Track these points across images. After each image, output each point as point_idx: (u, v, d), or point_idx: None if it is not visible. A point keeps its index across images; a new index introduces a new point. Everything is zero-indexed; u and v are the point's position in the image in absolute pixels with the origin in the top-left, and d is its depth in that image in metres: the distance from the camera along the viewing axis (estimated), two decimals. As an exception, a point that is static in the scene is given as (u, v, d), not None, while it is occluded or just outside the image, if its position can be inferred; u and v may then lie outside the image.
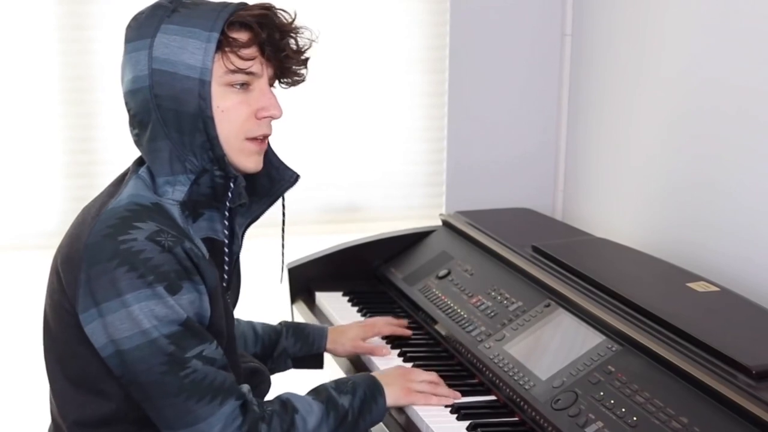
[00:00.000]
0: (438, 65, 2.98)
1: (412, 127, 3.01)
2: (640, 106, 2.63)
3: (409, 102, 2.99)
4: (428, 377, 1.91)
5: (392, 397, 1.82)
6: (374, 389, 1.79)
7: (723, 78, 2.29)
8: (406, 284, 2.48)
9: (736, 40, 2.24)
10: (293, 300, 2.51)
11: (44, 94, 2.73)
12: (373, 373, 1.87)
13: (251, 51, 1.60)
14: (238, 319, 2.04)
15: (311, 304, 2.49)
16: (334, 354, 2.15)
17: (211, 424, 1.57)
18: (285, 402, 1.68)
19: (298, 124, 2.80)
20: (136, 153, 1.72)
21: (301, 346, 2.10)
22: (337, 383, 1.78)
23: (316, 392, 1.74)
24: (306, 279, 2.54)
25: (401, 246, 2.66)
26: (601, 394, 1.74)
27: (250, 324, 2.09)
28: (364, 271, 2.63)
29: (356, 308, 2.42)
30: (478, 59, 2.97)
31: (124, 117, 2.86)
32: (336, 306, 2.40)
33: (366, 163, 2.99)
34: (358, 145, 2.97)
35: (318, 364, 2.14)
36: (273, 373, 2.09)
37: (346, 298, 2.49)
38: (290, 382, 2.16)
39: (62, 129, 2.76)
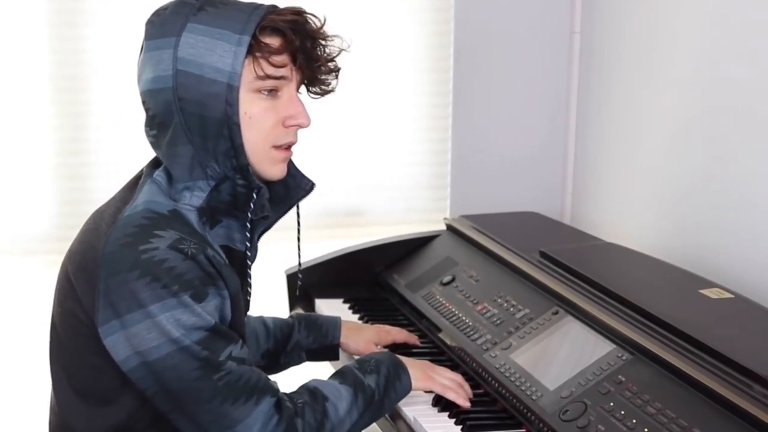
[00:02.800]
0: (442, 64, 2.98)
1: (414, 127, 3.01)
2: (651, 105, 2.63)
3: (411, 102, 2.99)
4: (453, 375, 1.94)
5: (413, 377, 1.84)
6: (397, 366, 1.82)
7: (737, 77, 2.29)
8: (409, 291, 2.48)
9: (750, 38, 2.25)
10: (292, 307, 2.51)
11: (34, 94, 2.73)
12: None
13: (283, 58, 1.60)
14: (247, 316, 2.05)
15: (310, 311, 2.49)
16: (345, 350, 2.16)
17: (249, 426, 1.58)
18: (314, 391, 1.69)
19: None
20: (131, 154, 1.72)
21: (315, 338, 2.11)
22: (360, 363, 1.80)
23: (342, 375, 1.76)
24: (305, 285, 2.54)
25: (404, 251, 2.66)
26: (611, 404, 1.74)
27: (261, 319, 2.09)
28: (366, 278, 2.63)
29: (357, 315, 2.42)
30: (483, 57, 2.97)
31: (117, 117, 2.86)
32: (336, 314, 2.39)
33: (367, 165, 2.99)
34: (359, 147, 2.97)
35: (333, 355, 2.15)
36: (287, 367, 2.11)
37: (347, 305, 2.49)
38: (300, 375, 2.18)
39: (53, 130, 2.75)
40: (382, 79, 2.95)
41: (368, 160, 2.99)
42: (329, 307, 2.46)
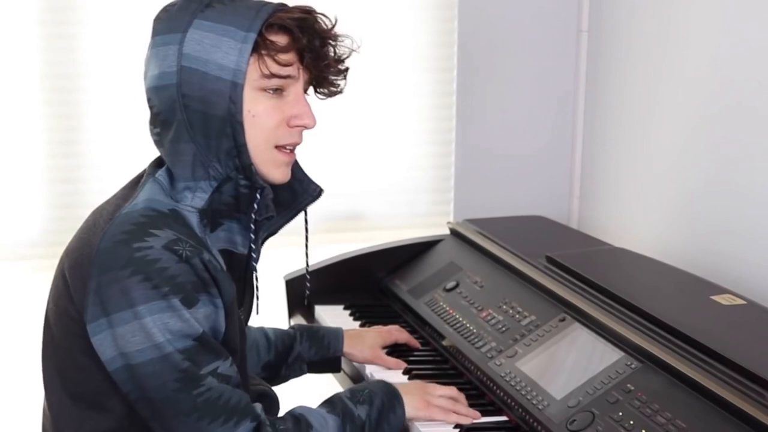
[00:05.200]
0: (445, 63, 2.98)
1: (417, 129, 3.01)
2: (661, 106, 2.63)
3: (414, 102, 2.99)
4: (448, 392, 1.93)
5: (411, 407, 1.83)
6: (392, 398, 1.80)
7: (749, 77, 2.29)
8: (411, 297, 2.48)
9: (763, 36, 2.25)
10: (291, 314, 2.51)
11: (25, 94, 2.73)
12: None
13: (289, 56, 1.61)
14: (248, 326, 2.06)
15: (310, 318, 2.50)
16: (352, 359, 2.17)
17: None
18: (299, 418, 1.69)
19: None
20: (126, 156, 1.73)
21: (317, 351, 2.12)
22: (353, 392, 1.79)
23: (331, 404, 1.75)
24: (305, 291, 2.54)
25: (406, 256, 2.66)
26: (620, 414, 1.74)
27: (262, 330, 2.10)
28: (367, 283, 2.63)
29: (358, 323, 2.43)
30: (488, 57, 2.97)
31: (111, 119, 2.86)
32: (337, 320, 2.40)
33: (369, 167, 2.99)
34: (360, 149, 2.98)
35: (335, 367, 2.16)
36: (288, 379, 2.12)
37: (348, 311, 2.50)
38: (301, 389, 2.17)
39: (44, 131, 2.75)
40: (384, 79, 2.95)
41: (370, 162, 2.99)
42: (329, 313, 2.47)
